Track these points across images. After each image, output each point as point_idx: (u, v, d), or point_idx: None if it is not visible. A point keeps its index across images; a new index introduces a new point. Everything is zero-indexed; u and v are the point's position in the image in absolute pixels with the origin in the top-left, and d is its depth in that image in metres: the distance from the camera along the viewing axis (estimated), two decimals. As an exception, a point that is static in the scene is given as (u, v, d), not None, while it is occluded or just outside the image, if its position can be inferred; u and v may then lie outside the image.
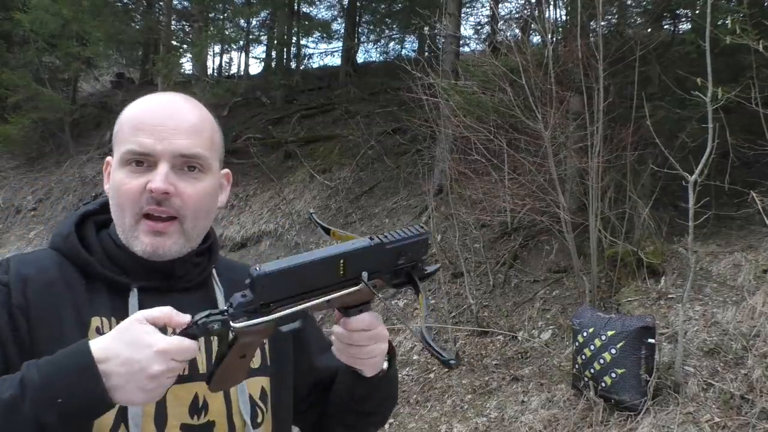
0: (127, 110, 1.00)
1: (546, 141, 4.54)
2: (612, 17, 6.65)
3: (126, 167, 0.96)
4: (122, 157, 0.96)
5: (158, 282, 1.00)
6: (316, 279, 0.91)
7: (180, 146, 0.96)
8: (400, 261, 0.99)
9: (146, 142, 0.94)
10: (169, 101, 1.01)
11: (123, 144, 0.96)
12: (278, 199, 8.94)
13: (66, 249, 0.99)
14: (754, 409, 3.25)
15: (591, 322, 3.67)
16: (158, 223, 0.96)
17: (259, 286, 0.85)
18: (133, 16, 12.18)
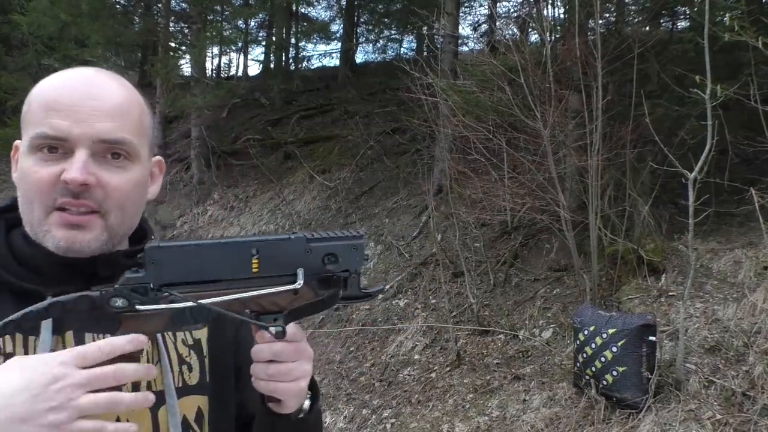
0: (37, 87, 0.84)
1: (545, 139, 4.54)
2: (610, 15, 6.65)
3: (36, 153, 0.81)
4: (31, 142, 0.81)
5: (80, 286, 0.78)
6: (223, 268, 0.76)
7: (102, 130, 0.81)
8: (329, 266, 0.80)
9: (61, 124, 0.79)
10: (90, 77, 0.84)
11: (32, 126, 0.81)
12: (278, 200, 8.94)
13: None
14: (755, 405, 3.25)
15: (592, 321, 3.67)
16: (74, 216, 0.81)
17: (151, 261, 0.72)
18: (131, 18, 12.18)
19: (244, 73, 14.78)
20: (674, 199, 5.09)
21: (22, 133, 0.84)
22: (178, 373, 0.91)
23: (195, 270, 0.74)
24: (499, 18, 8.46)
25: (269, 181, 9.26)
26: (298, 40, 13.31)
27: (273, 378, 0.84)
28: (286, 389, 0.85)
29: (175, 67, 10.02)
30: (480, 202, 5.55)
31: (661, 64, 5.55)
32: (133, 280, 0.71)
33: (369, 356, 5.36)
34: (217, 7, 10.84)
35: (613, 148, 4.69)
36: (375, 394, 4.84)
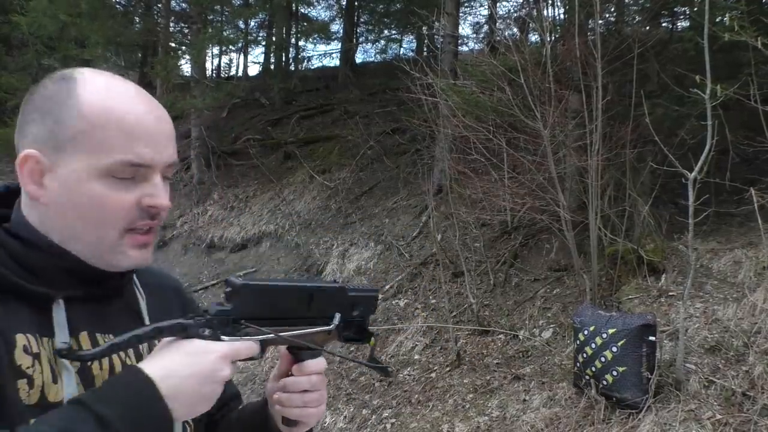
0: (99, 104, 0.82)
1: (545, 140, 4.54)
2: (610, 15, 6.65)
3: (109, 178, 0.81)
4: (109, 169, 0.81)
5: (82, 289, 0.85)
6: (289, 308, 0.89)
7: (170, 155, 0.86)
8: (355, 312, 0.97)
9: (146, 153, 0.82)
10: (152, 102, 0.87)
11: (109, 151, 0.80)
12: (278, 200, 8.95)
13: None
14: (755, 405, 3.25)
15: (592, 321, 3.67)
16: (143, 236, 0.86)
17: (240, 298, 0.81)
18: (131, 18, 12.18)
19: (244, 74, 14.79)
20: (674, 199, 5.09)
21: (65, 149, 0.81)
22: None
23: (267, 307, 0.85)
24: (499, 18, 8.46)
25: (269, 181, 9.27)
26: (298, 40, 13.31)
27: (307, 405, 0.94)
28: (315, 414, 0.95)
29: (175, 68, 10.02)
30: (480, 202, 5.55)
31: (661, 64, 5.54)
32: (221, 313, 0.80)
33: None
34: (217, 7, 10.84)
35: (613, 148, 4.69)
36: (375, 394, 4.84)
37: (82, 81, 0.83)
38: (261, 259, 8.13)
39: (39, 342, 0.80)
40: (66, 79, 0.83)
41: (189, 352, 0.77)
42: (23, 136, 0.84)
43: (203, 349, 0.77)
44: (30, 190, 0.83)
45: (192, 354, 0.77)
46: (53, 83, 0.84)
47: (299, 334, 0.89)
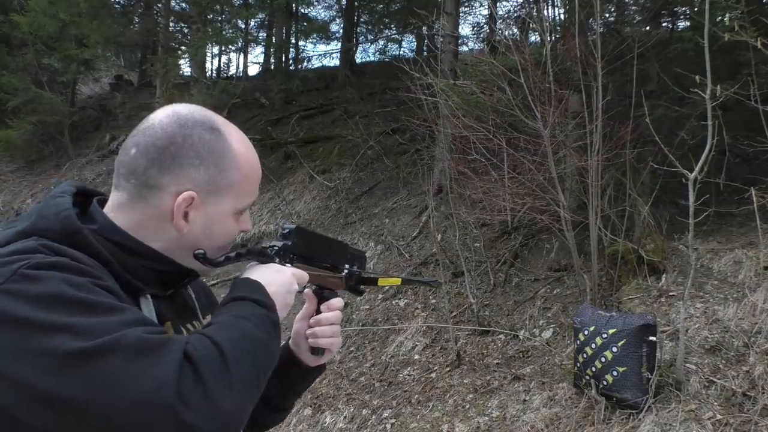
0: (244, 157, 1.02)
1: (545, 140, 4.53)
2: (610, 15, 6.65)
3: (237, 215, 1.03)
4: (242, 206, 1.03)
5: (162, 289, 1.02)
6: (318, 251, 1.14)
7: None
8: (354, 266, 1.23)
9: (256, 194, 1.06)
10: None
11: (245, 196, 1.02)
12: (278, 200, 8.94)
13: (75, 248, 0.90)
14: (756, 406, 3.25)
15: (592, 321, 3.67)
16: None
17: (295, 237, 1.05)
18: (131, 18, 12.17)
19: (243, 73, 14.78)
20: (674, 199, 5.09)
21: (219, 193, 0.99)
22: None
23: (308, 249, 1.11)
24: (499, 18, 8.45)
25: (269, 181, 9.26)
26: (298, 40, 13.30)
27: (334, 334, 1.18)
28: (338, 342, 1.20)
29: (175, 67, 10.02)
30: (480, 202, 5.54)
31: (661, 64, 5.54)
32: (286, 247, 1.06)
33: (369, 356, 5.36)
34: (217, 7, 10.84)
35: (613, 148, 4.68)
36: (375, 394, 4.84)
37: (228, 133, 1.01)
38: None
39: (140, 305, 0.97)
40: (214, 129, 0.99)
41: (274, 271, 1.02)
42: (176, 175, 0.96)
43: (281, 269, 1.03)
44: (177, 223, 0.97)
45: (276, 272, 1.01)
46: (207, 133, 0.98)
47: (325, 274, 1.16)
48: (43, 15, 10.12)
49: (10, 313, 0.76)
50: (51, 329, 0.75)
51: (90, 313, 0.78)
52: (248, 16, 11.44)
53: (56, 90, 12.53)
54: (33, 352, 0.74)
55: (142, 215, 0.97)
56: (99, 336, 0.76)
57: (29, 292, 0.77)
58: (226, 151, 0.99)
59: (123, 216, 0.97)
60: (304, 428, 4.70)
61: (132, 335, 0.77)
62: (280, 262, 1.04)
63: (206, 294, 1.22)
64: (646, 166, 4.84)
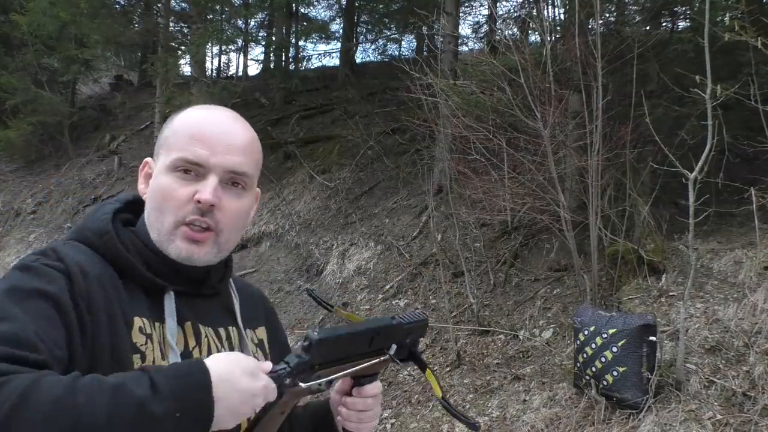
0: (182, 117, 1.02)
1: (545, 140, 4.53)
2: (610, 15, 6.65)
3: (174, 173, 0.98)
4: (173, 163, 0.98)
5: (188, 285, 1.02)
6: (354, 348, 1.03)
7: (233, 163, 0.99)
8: (407, 339, 1.16)
9: (201, 152, 0.97)
10: (228, 117, 1.03)
11: (175, 150, 0.98)
12: (278, 200, 8.94)
13: (104, 247, 0.98)
14: (756, 406, 3.25)
15: (592, 321, 3.67)
16: (197, 233, 0.98)
17: (316, 350, 0.94)
18: (131, 18, 12.17)
19: (243, 73, 14.77)
20: (674, 199, 5.08)
21: (158, 153, 1.01)
22: None
23: (337, 352, 0.99)
24: (499, 18, 8.45)
25: (269, 181, 9.25)
26: (298, 39, 13.29)
27: (362, 421, 1.10)
28: (368, 428, 1.12)
29: (175, 67, 10.01)
30: (480, 202, 5.54)
31: (661, 64, 5.54)
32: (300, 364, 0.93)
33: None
34: (217, 6, 10.83)
35: (613, 148, 4.68)
36: (375, 394, 4.84)
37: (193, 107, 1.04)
38: (261, 259, 8.13)
39: (152, 325, 0.96)
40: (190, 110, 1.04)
41: (246, 372, 0.85)
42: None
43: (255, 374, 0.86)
44: (140, 189, 1.03)
45: (247, 374, 0.85)
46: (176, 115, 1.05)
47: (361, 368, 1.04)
48: (43, 15, 10.11)
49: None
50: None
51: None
52: (248, 16, 11.43)
53: (56, 90, 12.52)
54: None
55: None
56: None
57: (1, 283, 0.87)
58: (174, 118, 1.03)
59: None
60: (304, 428, 4.69)
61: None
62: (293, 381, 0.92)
63: (264, 307, 1.21)
64: (646, 166, 4.84)
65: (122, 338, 0.91)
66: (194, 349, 1.00)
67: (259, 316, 1.17)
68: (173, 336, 0.96)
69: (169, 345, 0.95)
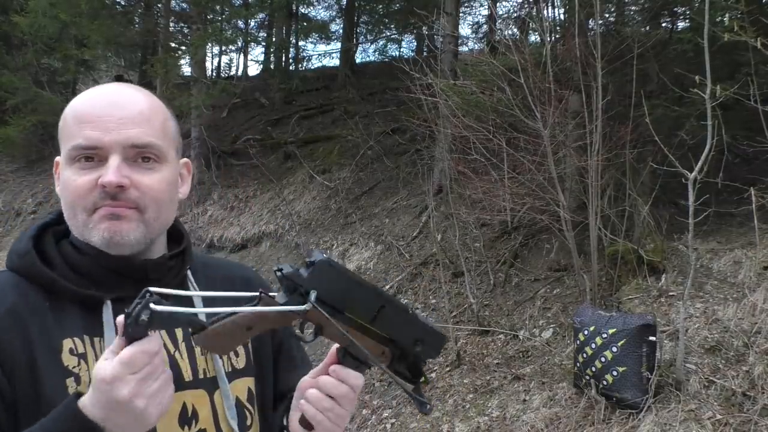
0: (70, 104, 0.94)
1: (545, 140, 4.53)
2: (610, 15, 6.65)
3: (74, 164, 0.89)
4: (69, 154, 0.89)
5: (131, 290, 0.85)
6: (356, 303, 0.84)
7: (130, 136, 0.88)
8: (417, 347, 0.89)
9: (92, 134, 0.87)
10: (114, 91, 0.93)
11: (68, 140, 0.90)
12: (278, 200, 8.94)
13: (24, 268, 0.90)
14: (755, 405, 3.25)
15: (592, 321, 3.67)
16: (111, 208, 0.88)
17: (317, 272, 0.79)
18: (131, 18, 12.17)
19: (244, 73, 14.78)
20: (674, 199, 5.09)
21: (60, 148, 0.93)
22: (227, 359, 1.01)
23: (337, 296, 0.81)
24: (499, 18, 8.45)
25: (269, 181, 9.26)
26: (298, 39, 13.30)
27: (325, 411, 0.88)
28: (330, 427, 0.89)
29: (175, 67, 10.01)
30: (480, 202, 5.54)
31: (661, 64, 5.54)
32: (296, 277, 0.78)
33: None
34: (217, 7, 10.84)
35: (613, 148, 4.69)
36: (375, 394, 4.84)
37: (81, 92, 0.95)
38: (261, 259, 8.13)
39: (87, 343, 0.88)
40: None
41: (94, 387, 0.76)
42: None
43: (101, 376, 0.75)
44: (57, 191, 0.94)
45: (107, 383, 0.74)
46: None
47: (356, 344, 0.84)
48: (43, 16, 10.11)
49: None
50: None
51: None
52: (248, 16, 11.44)
53: (56, 90, 12.52)
54: None
55: None
56: None
57: None
58: (67, 107, 0.94)
59: None
60: (304, 428, 4.69)
61: None
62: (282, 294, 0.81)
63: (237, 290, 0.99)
64: (646, 166, 4.84)
65: (46, 371, 0.83)
66: None
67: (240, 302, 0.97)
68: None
69: None
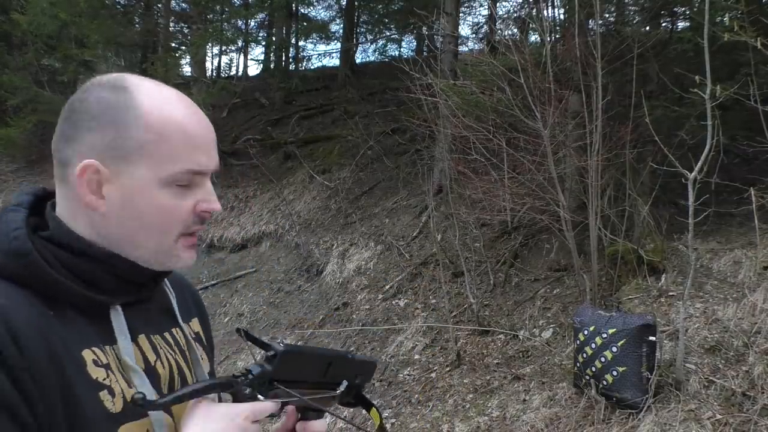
0: (162, 116, 0.83)
1: (545, 140, 4.54)
2: (610, 15, 6.65)
3: (172, 187, 0.83)
4: (172, 177, 0.83)
5: (134, 295, 0.88)
6: (311, 371, 0.97)
7: (217, 162, 0.89)
8: (357, 380, 1.06)
9: (202, 160, 0.85)
10: (195, 106, 0.89)
11: (171, 161, 0.82)
12: (278, 200, 8.94)
13: (26, 273, 0.77)
14: (755, 405, 3.25)
15: (592, 321, 3.67)
16: (192, 237, 0.89)
17: (279, 362, 0.88)
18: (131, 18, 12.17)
19: (244, 73, 14.78)
20: (674, 199, 5.09)
21: (132, 160, 0.82)
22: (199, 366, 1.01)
23: (297, 371, 0.93)
24: (499, 18, 8.46)
25: (269, 181, 9.26)
26: (298, 39, 13.31)
27: None
28: None
29: (175, 67, 10.02)
30: (480, 202, 5.55)
31: (661, 64, 5.54)
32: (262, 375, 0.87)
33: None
34: (217, 7, 10.84)
35: (612, 148, 4.69)
36: (375, 394, 4.84)
37: (137, 89, 0.83)
38: (261, 259, 8.14)
39: (106, 352, 0.82)
40: (118, 87, 0.83)
41: (220, 417, 0.80)
42: (76, 143, 0.83)
43: (231, 414, 0.81)
44: (89, 201, 0.82)
45: (222, 418, 0.80)
46: (106, 91, 0.83)
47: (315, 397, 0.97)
48: (43, 15, 10.12)
49: None
50: None
51: None
52: (248, 16, 11.45)
53: (56, 90, 12.52)
54: None
55: (69, 201, 0.84)
56: None
57: None
58: (128, 107, 0.81)
59: (61, 209, 0.85)
60: (304, 428, 4.70)
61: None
62: (251, 392, 0.86)
63: (192, 295, 1.08)
64: (645, 166, 4.84)
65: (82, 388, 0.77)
66: (156, 362, 0.88)
67: (190, 307, 1.04)
68: (131, 357, 0.83)
69: (130, 367, 0.82)
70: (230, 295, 7.55)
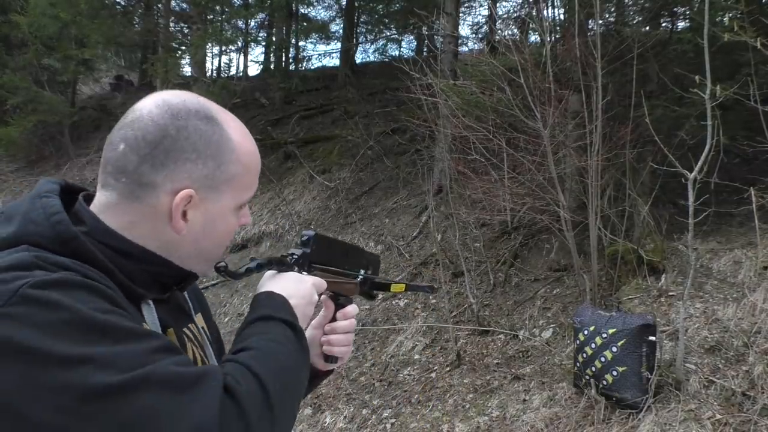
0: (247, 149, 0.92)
1: (545, 140, 4.54)
2: (610, 15, 6.65)
3: (238, 210, 0.95)
4: (243, 201, 0.94)
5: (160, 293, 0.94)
6: (336, 255, 1.11)
7: None
8: (369, 270, 1.22)
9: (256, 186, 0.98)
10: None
11: (246, 189, 0.94)
12: (278, 200, 8.94)
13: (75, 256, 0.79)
14: (755, 405, 3.25)
15: (592, 321, 3.67)
16: None
17: (315, 245, 1.02)
18: (131, 18, 12.17)
19: (244, 73, 14.78)
20: (674, 199, 5.09)
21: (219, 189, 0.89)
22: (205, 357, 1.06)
23: (326, 256, 1.08)
24: (499, 18, 8.46)
25: (269, 181, 9.26)
26: (298, 39, 13.31)
27: (348, 343, 1.15)
28: (349, 351, 1.17)
29: (175, 67, 10.02)
30: (480, 202, 5.54)
31: (661, 64, 5.54)
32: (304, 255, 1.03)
33: (369, 356, 5.36)
34: (217, 7, 10.84)
35: (612, 148, 4.69)
36: (375, 394, 4.84)
37: (225, 122, 0.91)
38: (261, 259, 8.13)
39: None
40: (210, 119, 0.89)
41: (295, 281, 0.98)
42: (169, 171, 0.85)
43: (302, 279, 0.99)
44: (178, 226, 0.87)
45: (297, 282, 0.98)
46: (202, 123, 0.88)
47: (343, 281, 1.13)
48: (43, 15, 10.12)
49: (17, 342, 0.65)
50: (67, 361, 0.66)
51: (111, 341, 0.69)
52: (248, 16, 11.44)
53: (56, 90, 12.53)
54: (49, 389, 0.65)
55: (136, 216, 0.86)
56: (125, 369, 0.67)
57: (37, 318, 0.67)
58: (225, 142, 0.89)
59: (113, 217, 0.86)
60: (304, 428, 4.70)
61: (164, 368, 0.69)
62: (299, 270, 1.01)
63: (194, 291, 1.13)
64: (645, 166, 4.84)
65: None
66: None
67: (194, 303, 1.09)
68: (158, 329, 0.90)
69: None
70: (230, 295, 7.56)
